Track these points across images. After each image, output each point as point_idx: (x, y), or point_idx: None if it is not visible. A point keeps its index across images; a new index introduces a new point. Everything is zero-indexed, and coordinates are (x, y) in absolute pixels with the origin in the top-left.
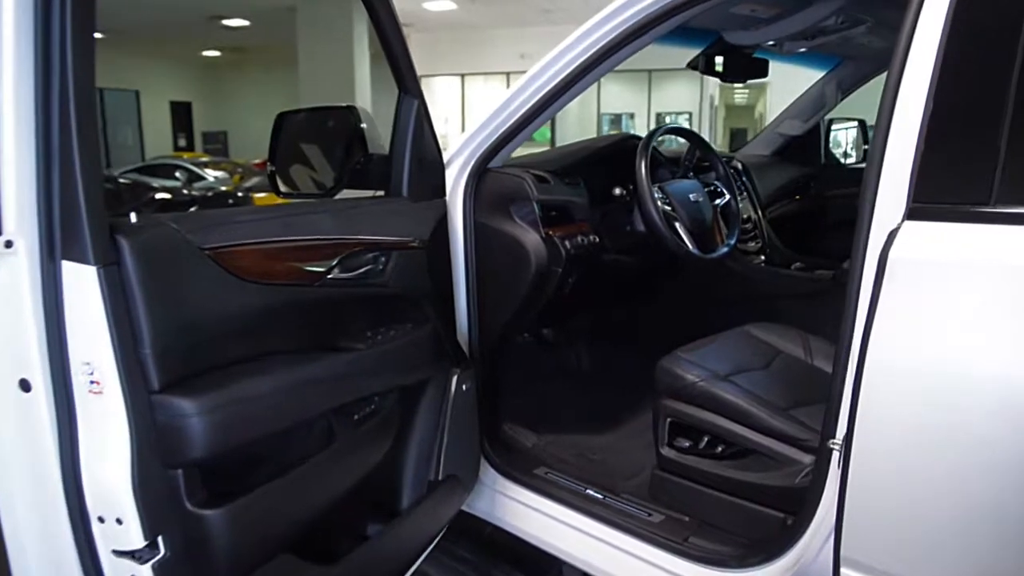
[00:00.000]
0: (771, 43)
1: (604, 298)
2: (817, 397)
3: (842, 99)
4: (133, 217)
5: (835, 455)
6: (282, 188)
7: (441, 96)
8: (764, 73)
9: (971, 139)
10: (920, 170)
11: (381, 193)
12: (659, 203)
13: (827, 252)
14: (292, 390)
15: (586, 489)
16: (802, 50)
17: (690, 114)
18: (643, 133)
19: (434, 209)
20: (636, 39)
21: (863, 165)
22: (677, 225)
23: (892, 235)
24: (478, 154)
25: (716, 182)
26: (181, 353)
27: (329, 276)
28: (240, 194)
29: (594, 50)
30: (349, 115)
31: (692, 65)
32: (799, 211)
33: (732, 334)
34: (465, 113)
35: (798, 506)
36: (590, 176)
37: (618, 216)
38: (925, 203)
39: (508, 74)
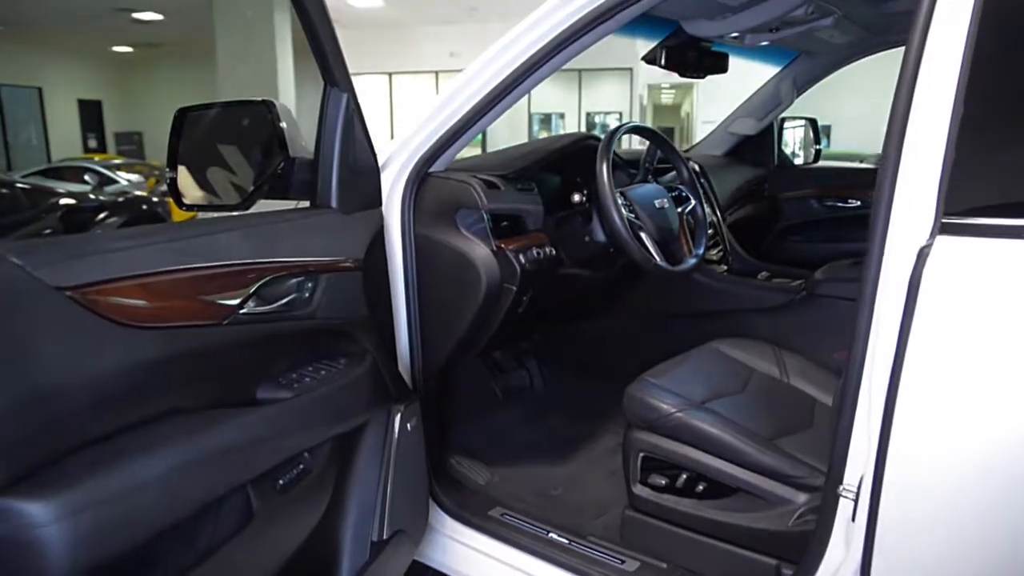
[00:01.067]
0: (734, 35)
1: (560, 315)
2: (801, 423)
3: (798, 96)
4: None
5: (844, 502)
6: (185, 200)
7: (368, 96)
8: (724, 68)
9: (1014, 142)
10: (952, 179)
11: (306, 204)
12: (623, 211)
13: (784, 257)
14: (193, 468)
15: (549, 533)
16: (764, 43)
17: (620, 114)
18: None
19: (369, 222)
20: (591, 30)
21: (816, 165)
22: (643, 235)
23: (924, 253)
24: (417, 157)
25: (680, 186)
26: (27, 437)
27: (243, 311)
28: (156, 199)
29: (547, 41)
30: (266, 112)
31: (649, 59)
32: (754, 214)
33: (701, 353)
34: (393, 113)
35: (796, 553)
36: (544, 181)
37: (575, 225)
38: (960, 217)
39: (437, 73)
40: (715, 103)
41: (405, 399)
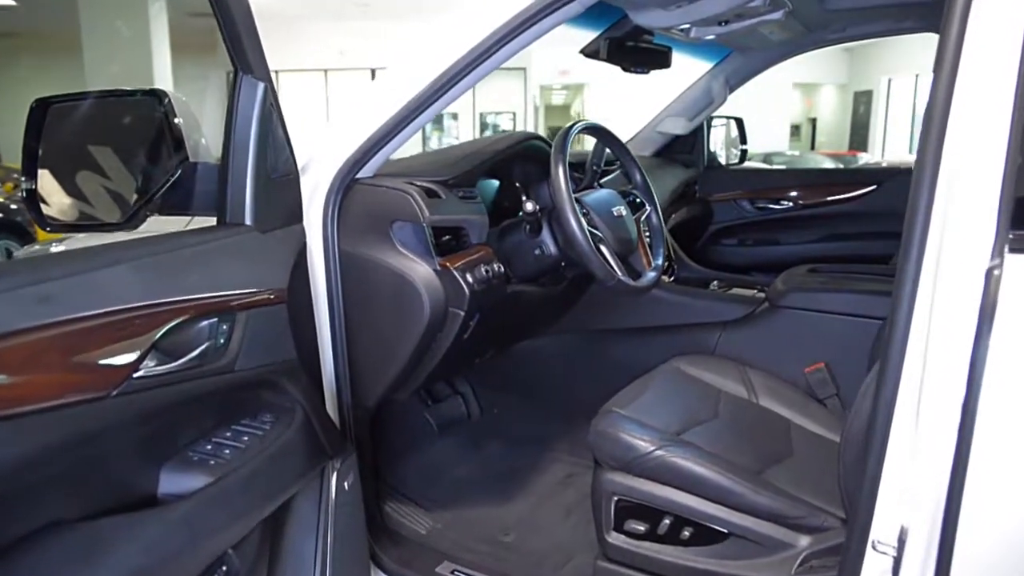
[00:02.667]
0: (684, 27)
1: (505, 338)
2: (782, 450)
3: (729, 93)
4: None
5: (877, 556)
6: (49, 216)
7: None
8: (667, 63)
9: None
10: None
11: (210, 221)
12: (583, 221)
13: (717, 261)
14: None
15: None
16: (709, 37)
17: (514, 114)
18: (467, 134)
19: (291, 241)
20: (537, 22)
21: (747, 166)
22: (603, 248)
23: (993, 275)
24: (342, 161)
25: (634, 192)
26: None
27: (138, 374)
28: (14, 205)
29: (491, 32)
30: (155, 105)
31: (590, 52)
32: (687, 217)
33: (663, 374)
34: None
35: None
36: (483, 187)
37: (522, 237)
38: None
39: (327, 71)
40: (605, 103)
41: (340, 452)
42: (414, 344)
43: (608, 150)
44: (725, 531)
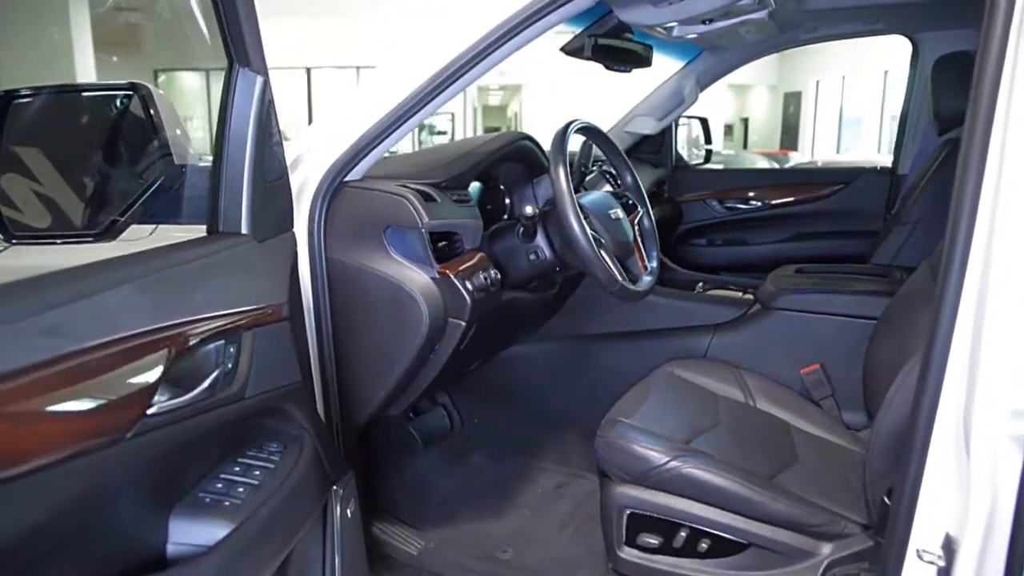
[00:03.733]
0: (670, 25)
1: (492, 347)
2: (788, 455)
3: (701, 92)
4: None
5: (920, 565)
6: (13, 224)
7: (189, 95)
8: (648, 62)
9: None
10: None
11: (201, 231)
12: (586, 225)
13: (687, 261)
14: None
15: None
16: (692, 36)
17: (452, 115)
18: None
19: (284, 250)
20: (539, 20)
21: (716, 167)
22: (603, 253)
23: None
24: (330, 162)
25: (627, 193)
26: None
27: (152, 410)
28: None
29: (489, 29)
30: (135, 102)
31: (572, 49)
32: (657, 218)
33: (659, 381)
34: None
35: None
36: (471, 189)
37: (514, 241)
38: None
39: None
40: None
41: (340, 476)
42: (411, 357)
43: (596, 150)
44: (745, 542)
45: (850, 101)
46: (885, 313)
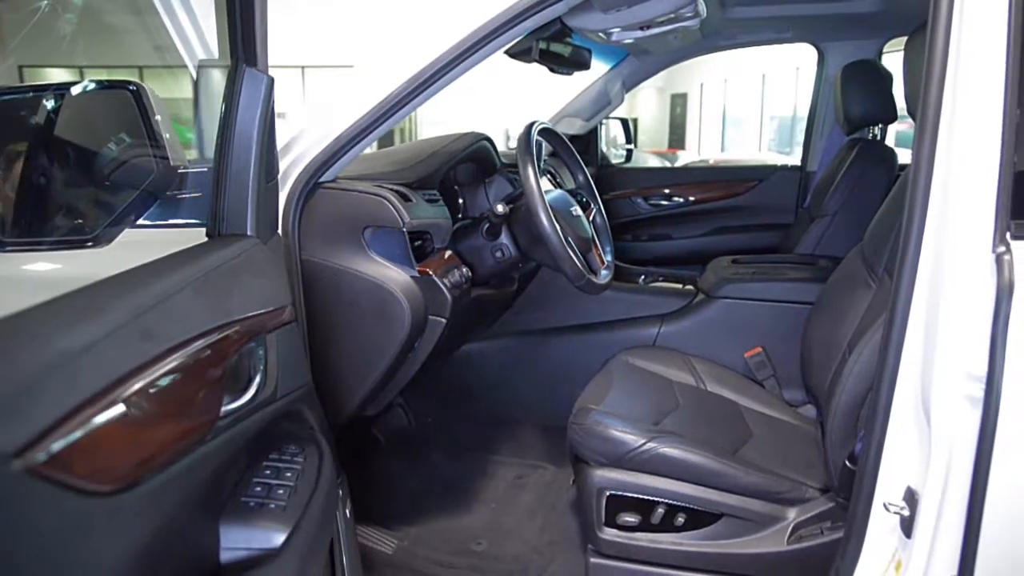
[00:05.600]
0: (613, 30)
1: (454, 344)
2: (743, 431)
3: (626, 93)
4: None
5: (884, 516)
6: (2, 231)
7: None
8: (588, 65)
9: None
10: (1017, 181)
11: (203, 234)
12: (556, 222)
13: (617, 256)
14: None
15: None
16: (628, 40)
17: None
18: None
19: (279, 251)
20: (522, 21)
21: (640, 165)
22: (569, 248)
23: (1004, 260)
24: (304, 163)
25: (581, 191)
26: None
27: (225, 409)
28: None
29: (470, 33)
30: (128, 100)
31: (518, 52)
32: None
33: (618, 369)
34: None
35: (797, 572)
36: (443, 188)
37: (479, 239)
38: None
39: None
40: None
41: (339, 476)
42: (392, 356)
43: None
44: (718, 512)
45: (732, 102)
46: (819, 298)
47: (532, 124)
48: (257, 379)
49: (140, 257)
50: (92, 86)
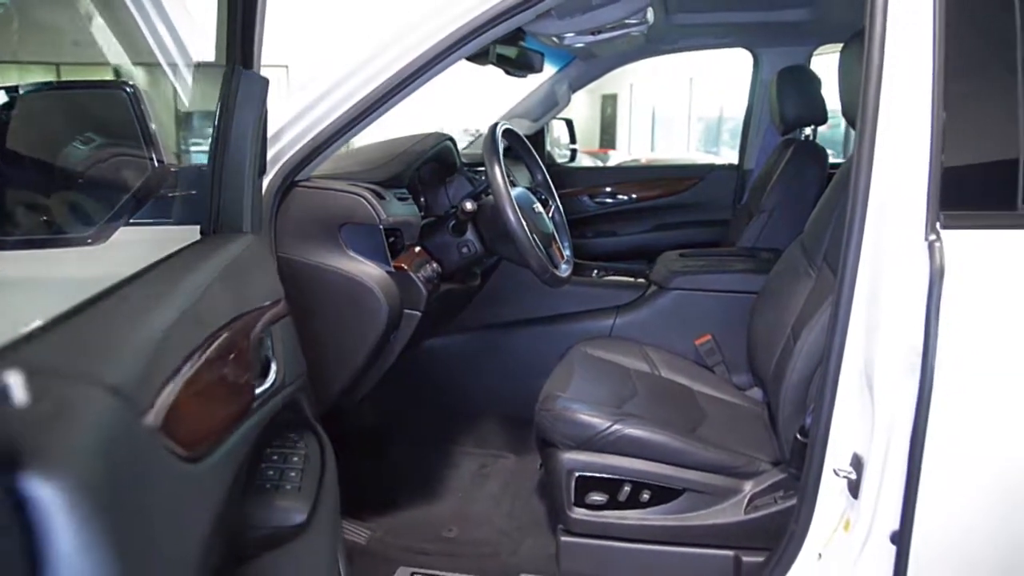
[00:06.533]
0: (568, 34)
1: (421, 338)
2: (697, 414)
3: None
4: None
5: (833, 480)
6: None
7: None
8: (540, 68)
9: (992, 141)
10: (945, 177)
11: (195, 230)
12: (522, 218)
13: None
14: None
15: None
16: (579, 44)
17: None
18: None
19: (268, 246)
20: (503, 21)
21: (585, 165)
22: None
23: (935, 247)
24: (280, 163)
25: (539, 189)
26: None
27: (259, 389)
28: None
29: (448, 33)
30: (122, 100)
31: (476, 55)
32: None
33: (578, 359)
34: None
35: (756, 539)
36: (416, 187)
37: (446, 235)
38: (958, 211)
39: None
40: None
41: None
42: (369, 349)
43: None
44: (680, 488)
45: (661, 103)
46: (763, 288)
47: (496, 125)
48: (273, 366)
49: (133, 254)
50: (86, 84)
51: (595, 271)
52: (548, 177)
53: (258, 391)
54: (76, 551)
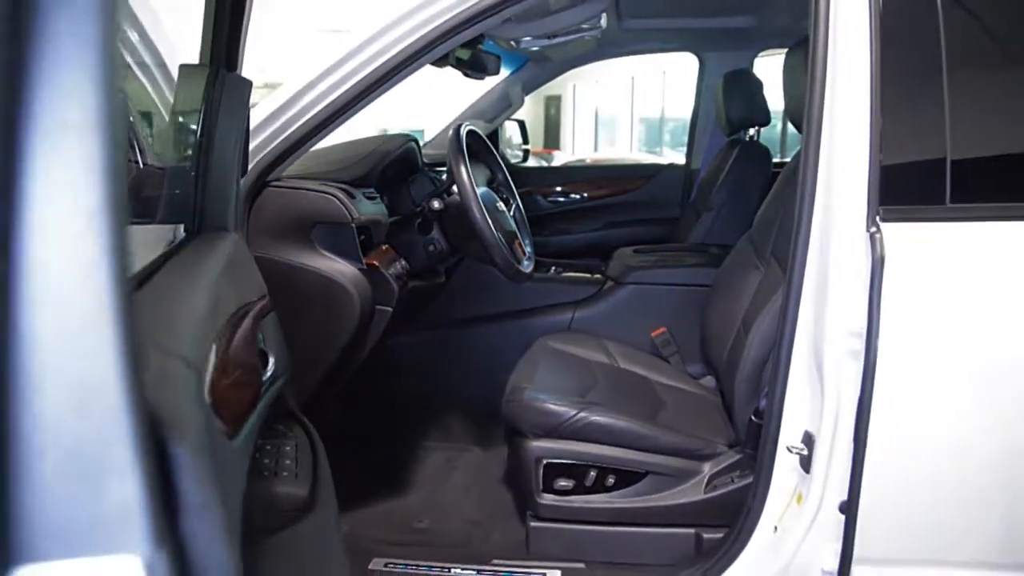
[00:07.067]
0: (525, 38)
1: (391, 333)
2: (655, 402)
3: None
4: None
5: (786, 457)
6: None
7: None
8: (498, 70)
9: (923, 142)
10: (883, 175)
11: (178, 229)
12: (488, 216)
13: None
14: None
15: (451, 569)
16: (535, 48)
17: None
18: None
19: (246, 245)
20: (461, 32)
21: (538, 165)
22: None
23: (876, 238)
24: (252, 162)
25: (501, 188)
26: None
27: (265, 376)
28: None
29: (419, 36)
30: None
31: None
32: None
33: (541, 353)
34: None
35: (715, 516)
36: (380, 186)
37: (412, 233)
38: (895, 205)
39: None
40: None
41: None
42: (342, 345)
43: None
44: (643, 471)
45: (604, 104)
46: (716, 281)
47: (460, 126)
48: (270, 357)
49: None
50: None
51: (552, 268)
52: (509, 176)
53: (264, 377)
54: (199, 506)
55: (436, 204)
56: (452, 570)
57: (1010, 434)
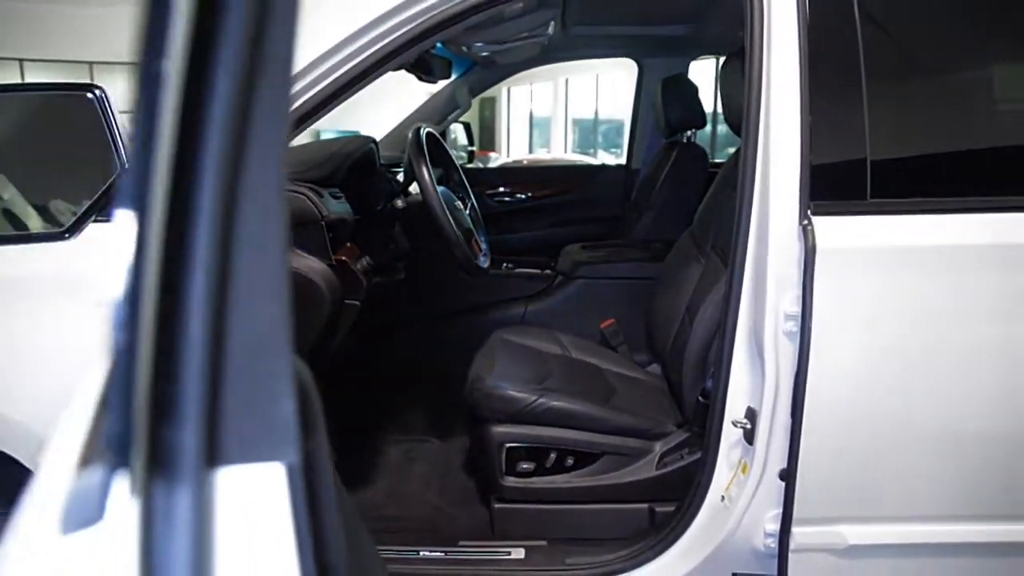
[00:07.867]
0: (477, 44)
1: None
2: (607, 388)
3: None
4: None
5: (731, 432)
6: None
7: None
8: (449, 74)
9: (847, 144)
10: (813, 173)
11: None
12: (448, 214)
13: None
14: None
15: (420, 552)
16: (485, 54)
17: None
18: None
19: None
20: (434, 35)
21: (486, 167)
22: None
23: (808, 230)
24: None
25: (456, 188)
26: None
27: None
28: None
29: (393, 38)
30: (88, 101)
31: None
32: None
33: (498, 345)
34: None
35: (667, 491)
36: (343, 186)
37: (376, 231)
38: (824, 201)
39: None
40: None
41: None
42: (314, 339)
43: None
44: (599, 452)
45: (538, 106)
46: (660, 274)
47: (419, 128)
48: None
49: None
50: (52, 87)
51: (505, 264)
52: (464, 177)
53: None
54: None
55: (399, 203)
56: (421, 552)
57: (925, 400)
